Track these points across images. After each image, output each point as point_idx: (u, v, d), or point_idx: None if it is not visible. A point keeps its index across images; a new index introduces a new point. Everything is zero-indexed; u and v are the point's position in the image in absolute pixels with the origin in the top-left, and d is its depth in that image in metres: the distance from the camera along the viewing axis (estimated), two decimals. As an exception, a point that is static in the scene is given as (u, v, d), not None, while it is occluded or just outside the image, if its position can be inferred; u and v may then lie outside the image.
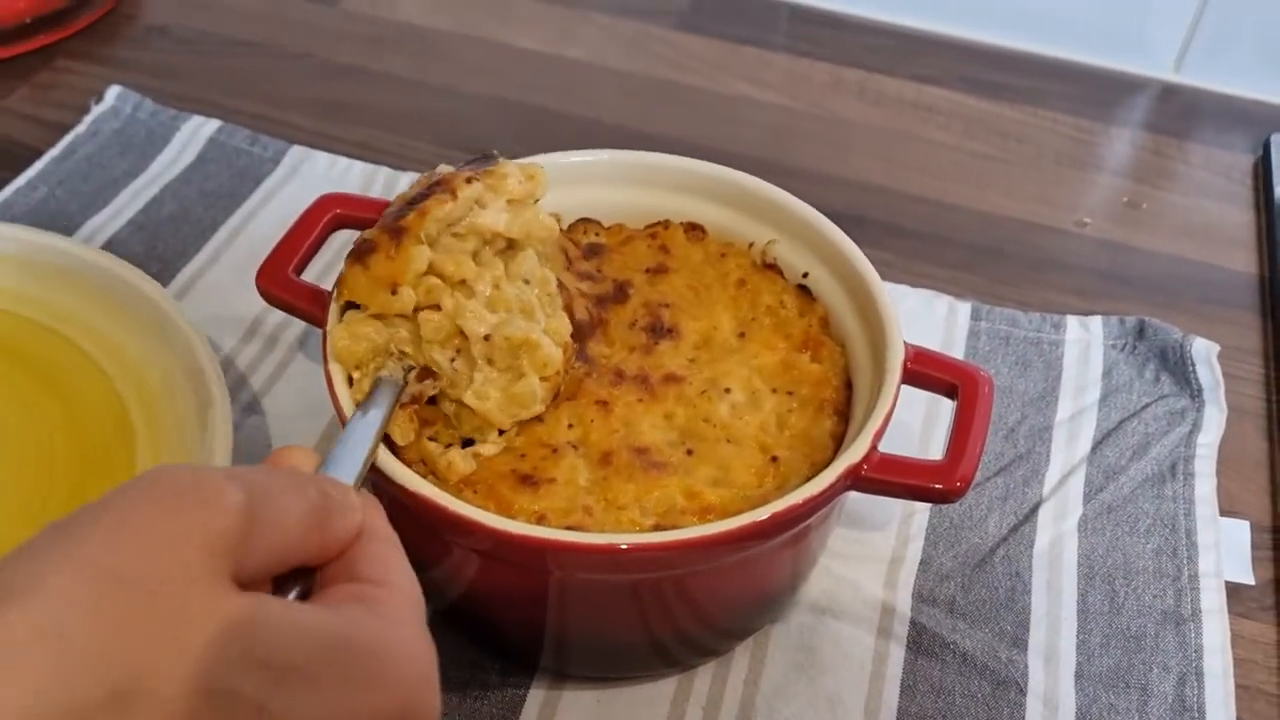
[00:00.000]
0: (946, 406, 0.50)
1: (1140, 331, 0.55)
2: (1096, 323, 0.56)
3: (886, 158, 0.65)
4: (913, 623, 0.44)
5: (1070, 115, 0.69)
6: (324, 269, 0.54)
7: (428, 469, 0.38)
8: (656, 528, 0.37)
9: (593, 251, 0.46)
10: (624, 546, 0.35)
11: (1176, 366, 0.53)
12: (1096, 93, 0.71)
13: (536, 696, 0.42)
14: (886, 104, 0.69)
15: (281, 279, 0.43)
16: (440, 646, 0.37)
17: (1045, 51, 0.74)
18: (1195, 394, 0.52)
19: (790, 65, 0.72)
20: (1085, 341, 0.55)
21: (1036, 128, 0.68)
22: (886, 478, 0.37)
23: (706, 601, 0.40)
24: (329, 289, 0.40)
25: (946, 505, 0.48)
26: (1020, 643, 0.44)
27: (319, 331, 0.39)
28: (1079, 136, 0.68)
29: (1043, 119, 0.69)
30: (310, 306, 0.42)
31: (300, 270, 0.43)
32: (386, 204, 0.43)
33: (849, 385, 0.43)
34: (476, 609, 0.41)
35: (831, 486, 0.36)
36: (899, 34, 0.75)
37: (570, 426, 0.40)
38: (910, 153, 0.66)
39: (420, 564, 0.31)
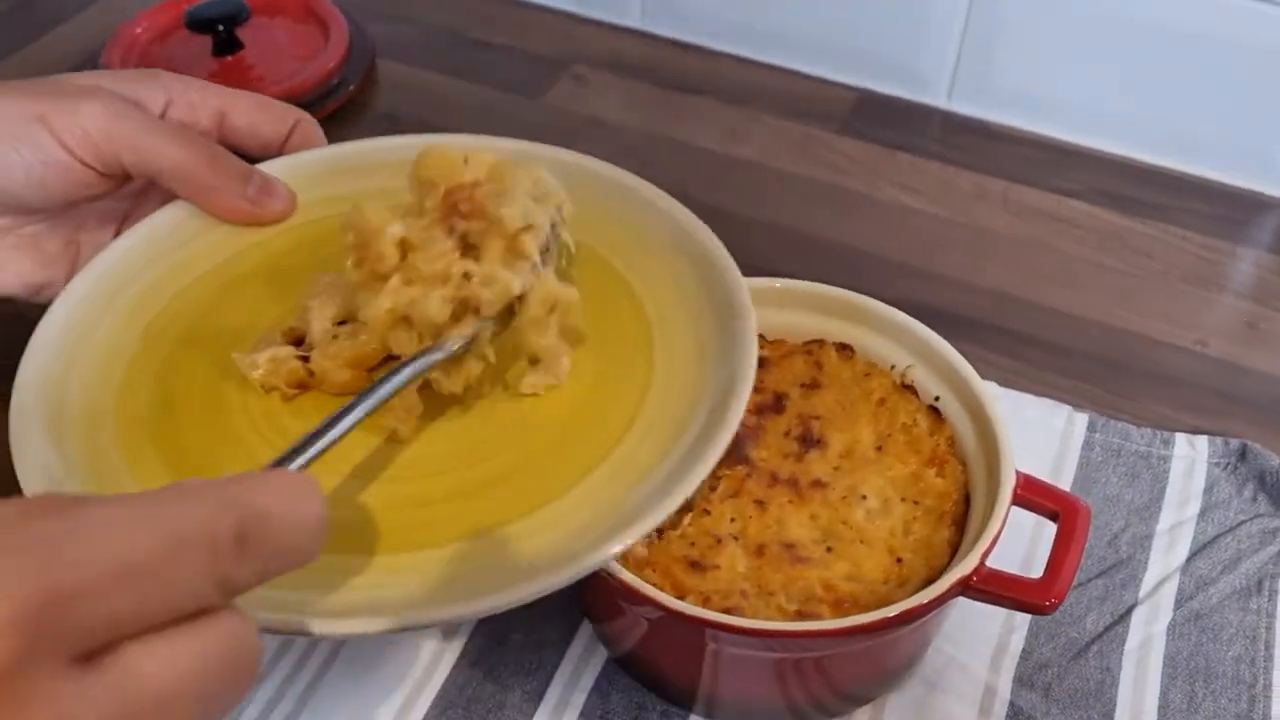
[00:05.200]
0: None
1: (1242, 454, 0.61)
2: (1203, 441, 0.62)
3: (1024, 268, 0.72)
4: (1011, 704, 0.52)
5: (1199, 233, 0.75)
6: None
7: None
8: (799, 613, 0.46)
9: (758, 363, 0.55)
10: (771, 630, 0.44)
11: (1273, 489, 0.59)
12: (1227, 211, 0.77)
13: (689, 736, 0.51)
14: (1027, 215, 0.76)
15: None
16: (615, 686, 0.47)
17: (1181, 168, 0.79)
18: (1288, 516, 0.58)
19: (939, 173, 0.79)
20: (1191, 458, 0.61)
21: (1165, 244, 0.74)
22: (991, 590, 0.45)
23: (835, 675, 0.49)
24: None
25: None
26: (1105, 730, 0.51)
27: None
28: (1205, 255, 0.74)
29: (1173, 235, 0.75)
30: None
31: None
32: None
33: (968, 500, 0.50)
34: (647, 661, 0.51)
35: (944, 594, 0.44)
36: (1043, 144, 0.81)
37: (732, 520, 0.49)
38: (1046, 264, 0.73)
39: (605, 619, 0.40)
